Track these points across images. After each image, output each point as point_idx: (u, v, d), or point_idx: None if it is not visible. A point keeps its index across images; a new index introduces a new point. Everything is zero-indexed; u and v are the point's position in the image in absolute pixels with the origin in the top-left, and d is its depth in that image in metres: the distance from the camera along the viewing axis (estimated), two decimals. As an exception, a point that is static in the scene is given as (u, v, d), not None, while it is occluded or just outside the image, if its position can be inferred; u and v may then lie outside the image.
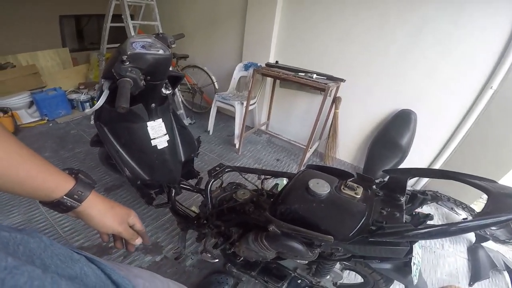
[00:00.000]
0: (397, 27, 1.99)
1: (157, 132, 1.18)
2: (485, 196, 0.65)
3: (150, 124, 1.16)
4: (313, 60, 2.40)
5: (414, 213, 0.77)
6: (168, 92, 1.18)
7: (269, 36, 2.51)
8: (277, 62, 2.07)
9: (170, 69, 1.19)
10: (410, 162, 2.27)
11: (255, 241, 0.79)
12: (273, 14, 2.41)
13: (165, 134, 1.21)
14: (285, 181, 1.77)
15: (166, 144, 1.21)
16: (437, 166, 2.23)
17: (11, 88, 2.85)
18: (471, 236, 1.89)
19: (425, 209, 2.12)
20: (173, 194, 1.32)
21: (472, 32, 1.77)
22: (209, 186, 1.01)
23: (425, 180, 2.33)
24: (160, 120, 1.20)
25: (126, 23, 2.29)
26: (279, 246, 0.72)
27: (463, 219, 2.00)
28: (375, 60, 2.16)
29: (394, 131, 2.21)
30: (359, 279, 1.35)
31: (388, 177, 0.82)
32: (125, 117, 1.08)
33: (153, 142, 1.16)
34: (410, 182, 2.41)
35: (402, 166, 2.29)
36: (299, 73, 1.88)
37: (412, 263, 0.70)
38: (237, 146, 2.45)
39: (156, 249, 1.48)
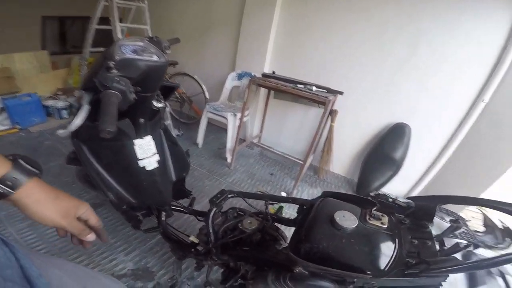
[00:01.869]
0: (394, 37, 1.98)
1: (146, 151, 1.04)
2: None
3: (138, 143, 1.01)
4: (309, 71, 2.35)
5: (442, 240, 0.73)
6: (160, 105, 1.04)
7: (265, 45, 2.44)
8: (274, 72, 2.00)
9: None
10: (403, 175, 2.25)
11: (276, 281, 0.71)
12: (270, 22, 2.35)
13: (155, 154, 1.07)
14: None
15: (156, 165, 1.07)
16: (429, 178, 2.23)
17: (-21, 93, 2.57)
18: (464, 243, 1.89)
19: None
20: (163, 218, 1.18)
21: (466, 44, 1.79)
22: (211, 216, 0.90)
23: (417, 191, 2.32)
24: (150, 137, 1.05)
25: (113, 26, 2.14)
26: (306, 287, 0.66)
27: (451, 220, 2.05)
28: (371, 72, 2.14)
29: (388, 145, 2.21)
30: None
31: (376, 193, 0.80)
32: None
33: (141, 163, 1.02)
34: (402, 191, 2.39)
35: (396, 179, 2.28)
36: (298, 85, 1.81)
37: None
38: (228, 160, 2.32)
39: (147, 275, 1.34)
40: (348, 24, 2.11)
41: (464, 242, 0.66)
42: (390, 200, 0.87)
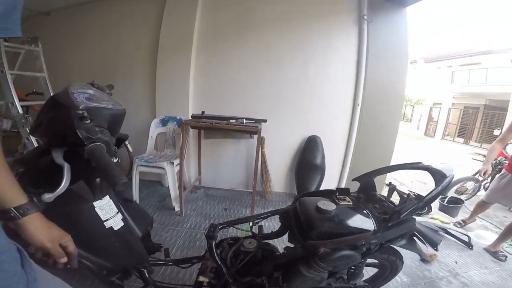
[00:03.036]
0: (290, 65, 2.52)
1: (108, 212, 0.93)
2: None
3: (98, 205, 0.90)
4: (232, 106, 2.58)
5: (390, 201, 0.99)
6: (115, 160, 0.99)
7: (186, 87, 2.53)
8: (203, 112, 2.12)
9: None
10: (328, 176, 2.71)
11: (310, 268, 0.80)
12: (188, 64, 2.48)
13: (117, 212, 0.97)
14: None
15: (122, 223, 0.97)
16: (346, 172, 2.77)
17: None
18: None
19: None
20: (147, 275, 1.07)
21: (337, 64, 2.49)
22: (214, 249, 0.94)
23: (343, 184, 2.82)
24: (108, 197, 0.96)
25: (2, 74, 1.84)
26: (335, 260, 0.78)
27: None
28: (281, 97, 2.59)
29: (309, 155, 2.64)
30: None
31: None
32: (59, 200, 0.81)
33: (107, 224, 0.90)
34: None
35: (325, 181, 2.70)
36: (230, 120, 1.99)
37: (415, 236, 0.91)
38: (177, 208, 2.18)
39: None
40: (255, 60, 2.54)
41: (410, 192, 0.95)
42: None
